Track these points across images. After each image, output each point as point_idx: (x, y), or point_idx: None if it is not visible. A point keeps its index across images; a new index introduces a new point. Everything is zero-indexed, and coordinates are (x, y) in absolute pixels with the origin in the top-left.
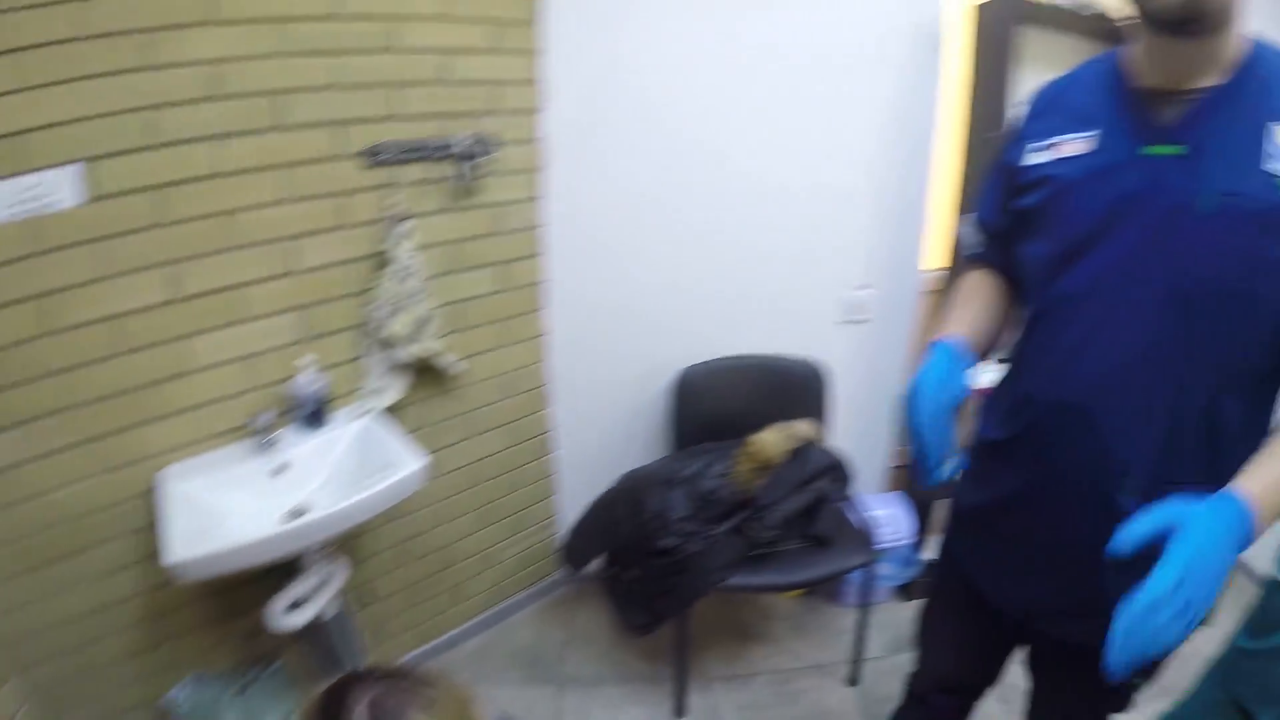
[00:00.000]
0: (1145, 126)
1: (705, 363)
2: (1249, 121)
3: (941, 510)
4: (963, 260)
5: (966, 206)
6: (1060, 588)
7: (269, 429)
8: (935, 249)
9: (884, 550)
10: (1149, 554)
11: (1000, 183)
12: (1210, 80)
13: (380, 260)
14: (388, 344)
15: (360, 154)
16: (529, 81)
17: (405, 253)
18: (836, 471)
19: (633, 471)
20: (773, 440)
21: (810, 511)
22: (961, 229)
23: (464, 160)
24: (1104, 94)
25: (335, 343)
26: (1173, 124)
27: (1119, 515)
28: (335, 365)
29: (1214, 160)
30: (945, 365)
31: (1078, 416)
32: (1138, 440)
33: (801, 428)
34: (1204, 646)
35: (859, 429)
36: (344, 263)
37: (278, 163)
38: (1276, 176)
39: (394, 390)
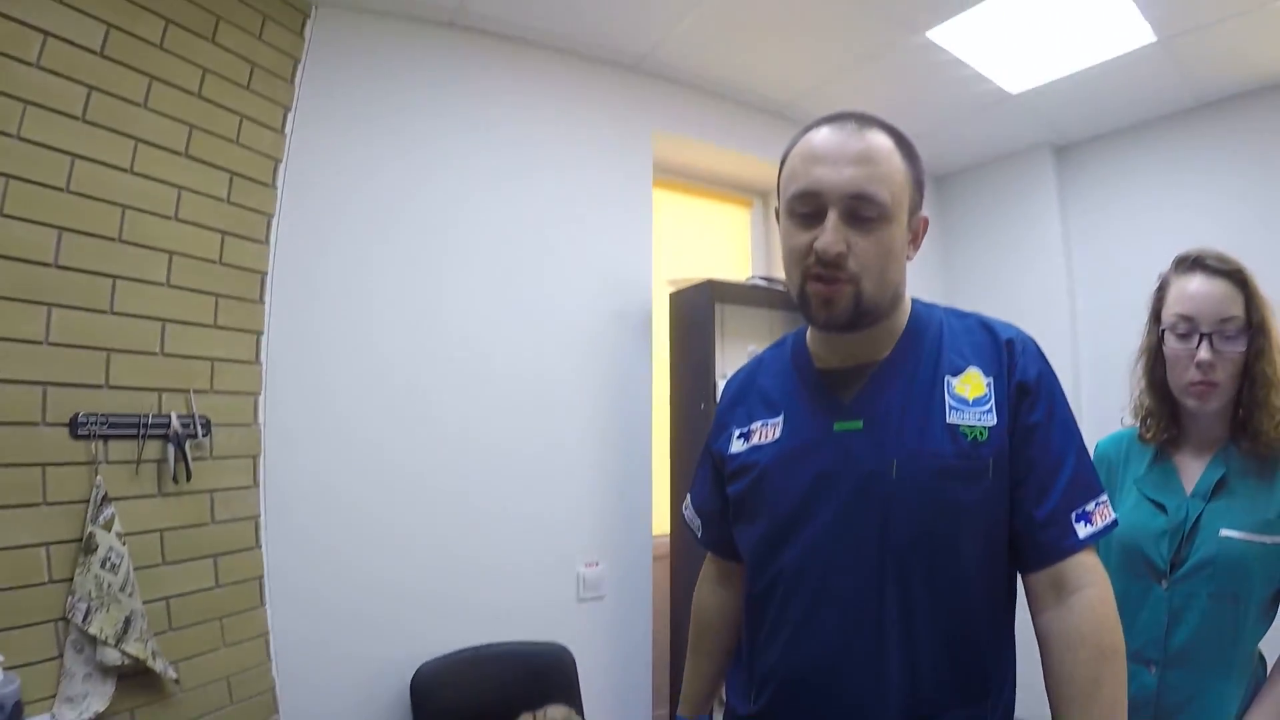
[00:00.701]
0: (831, 405)
1: (443, 656)
2: (922, 382)
3: None
4: (694, 540)
5: (684, 476)
6: None
7: None
8: (660, 516)
9: None
10: None
11: (709, 469)
12: (882, 353)
13: (85, 545)
14: (91, 643)
15: (68, 423)
16: (250, 361)
17: (111, 539)
18: None
19: None
20: None
21: None
22: (685, 511)
23: (178, 440)
24: (790, 378)
25: (30, 637)
26: (852, 401)
27: None
28: (30, 664)
29: (891, 429)
30: None
31: (821, 684)
32: (885, 692)
33: (555, 712)
34: None
35: (614, 703)
36: (41, 544)
37: None
38: (960, 426)
39: (99, 698)
